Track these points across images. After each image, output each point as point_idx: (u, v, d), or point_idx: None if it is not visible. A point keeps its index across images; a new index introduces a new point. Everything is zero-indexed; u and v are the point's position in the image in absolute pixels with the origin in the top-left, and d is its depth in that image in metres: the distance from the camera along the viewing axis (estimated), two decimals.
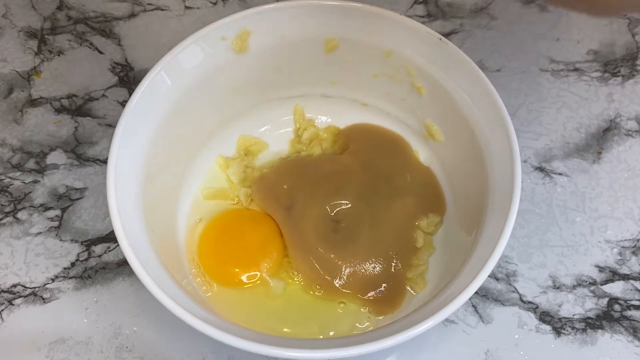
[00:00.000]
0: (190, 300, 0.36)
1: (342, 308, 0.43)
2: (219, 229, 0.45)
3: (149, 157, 0.40)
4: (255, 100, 0.48)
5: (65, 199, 0.50)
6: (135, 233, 0.37)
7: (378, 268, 0.42)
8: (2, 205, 0.50)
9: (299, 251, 0.43)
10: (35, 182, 0.51)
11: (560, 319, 0.45)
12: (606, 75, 0.55)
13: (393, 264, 0.43)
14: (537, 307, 0.46)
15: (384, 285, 0.42)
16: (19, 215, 0.50)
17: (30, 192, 0.51)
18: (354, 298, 0.42)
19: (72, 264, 0.48)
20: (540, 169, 0.51)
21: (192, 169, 0.47)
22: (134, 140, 0.39)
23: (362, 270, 0.42)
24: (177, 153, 0.44)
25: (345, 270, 0.42)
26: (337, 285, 0.42)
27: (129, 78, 0.56)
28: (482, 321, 0.45)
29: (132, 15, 0.59)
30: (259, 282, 0.43)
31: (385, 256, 0.43)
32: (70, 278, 0.47)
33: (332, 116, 0.51)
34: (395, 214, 0.44)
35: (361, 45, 0.44)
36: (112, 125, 0.52)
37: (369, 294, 0.42)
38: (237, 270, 0.43)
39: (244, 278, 0.43)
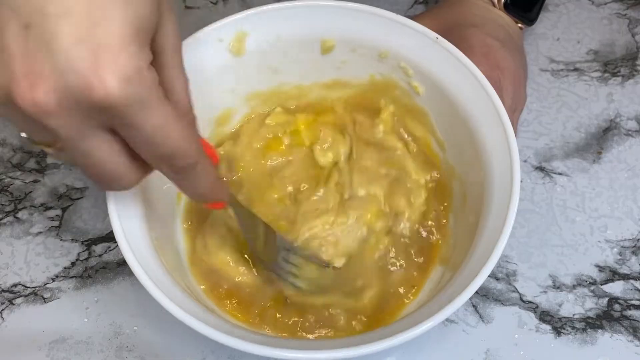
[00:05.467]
0: (191, 300, 0.36)
1: None
2: None
3: None
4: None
5: (66, 199, 0.50)
6: (135, 233, 0.37)
7: None
8: (2, 204, 0.50)
9: None
10: (36, 181, 0.51)
11: (560, 319, 0.45)
12: (606, 75, 0.55)
13: None
14: (537, 307, 0.46)
15: None
16: (20, 214, 0.50)
17: (30, 192, 0.51)
18: None
19: (73, 264, 0.48)
20: (540, 169, 0.51)
21: None
22: None
23: None
24: None
25: None
26: None
27: None
28: (482, 321, 0.45)
29: None
30: None
31: None
32: (70, 277, 0.47)
33: None
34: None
35: (357, 46, 0.44)
36: None
37: None
38: None
39: None
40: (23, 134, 0.29)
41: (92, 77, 0.25)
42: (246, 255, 0.44)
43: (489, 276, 0.35)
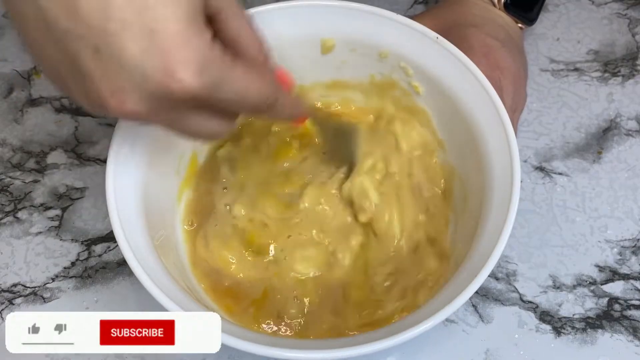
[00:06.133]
0: (191, 300, 0.36)
1: None
2: None
3: (149, 157, 0.40)
4: None
5: (66, 199, 0.50)
6: (135, 233, 0.37)
7: None
8: (2, 204, 0.50)
9: None
10: (36, 181, 0.51)
11: (560, 319, 0.45)
12: (606, 75, 0.55)
13: None
14: (537, 307, 0.46)
15: None
16: (19, 214, 0.50)
17: (30, 192, 0.51)
18: None
19: (73, 264, 0.48)
20: (540, 169, 0.51)
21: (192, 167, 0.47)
22: (133, 140, 0.39)
23: None
24: (176, 152, 0.44)
25: None
26: None
27: None
28: (482, 321, 0.45)
29: None
30: None
31: None
32: (70, 277, 0.47)
33: None
34: None
35: (357, 45, 0.44)
36: (112, 125, 0.52)
37: None
38: None
39: None
40: None
41: (168, 81, 0.27)
42: (248, 255, 0.44)
43: (489, 276, 0.35)
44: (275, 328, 0.42)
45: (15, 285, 0.47)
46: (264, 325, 0.42)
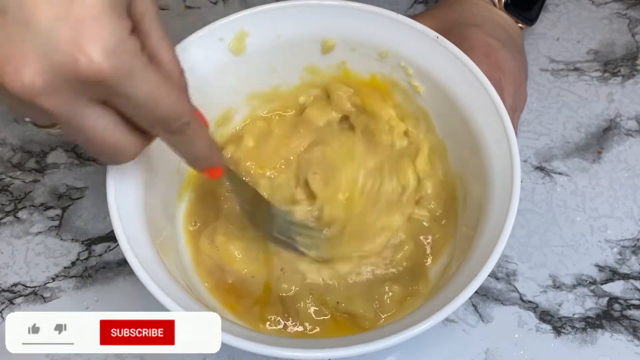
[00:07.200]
0: (191, 300, 0.36)
1: None
2: None
3: (150, 156, 0.40)
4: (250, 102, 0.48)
5: (66, 198, 0.50)
6: (135, 233, 0.37)
7: None
8: (2, 204, 0.50)
9: None
10: (36, 181, 0.51)
11: (560, 319, 0.45)
12: (606, 75, 0.55)
13: None
14: (537, 307, 0.46)
15: None
16: (20, 214, 0.50)
17: (30, 192, 0.51)
18: None
19: (73, 263, 0.48)
20: (540, 169, 0.51)
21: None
22: None
23: None
24: None
25: None
26: None
27: None
28: (482, 320, 0.45)
29: None
30: None
31: None
32: (70, 277, 0.47)
33: None
34: None
35: (358, 45, 0.44)
36: None
37: None
38: None
39: None
40: (27, 119, 0.30)
41: (77, 54, 0.25)
42: (253, 251, 0.44)
43: (489, 276, 0.35)
44: (280, 325, 0.42)
45: (15, 285, 0.47)
46: (268, 324, 0.42)
